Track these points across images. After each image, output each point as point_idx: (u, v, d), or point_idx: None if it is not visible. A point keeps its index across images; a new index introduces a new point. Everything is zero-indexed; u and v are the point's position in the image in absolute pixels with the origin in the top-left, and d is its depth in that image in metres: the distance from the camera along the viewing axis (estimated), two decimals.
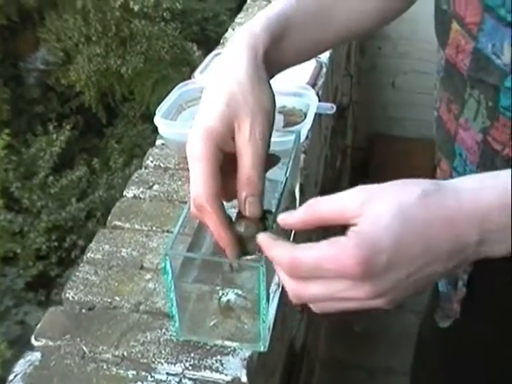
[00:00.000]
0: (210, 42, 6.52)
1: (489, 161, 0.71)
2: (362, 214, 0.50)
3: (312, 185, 1.52)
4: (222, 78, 0.65)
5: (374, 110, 3.02)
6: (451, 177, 0.78)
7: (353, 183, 0.53)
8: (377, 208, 0.49)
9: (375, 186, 0.52)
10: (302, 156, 1.15)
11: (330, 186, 1.98)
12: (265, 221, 0.64)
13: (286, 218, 0.57)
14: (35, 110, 7.54)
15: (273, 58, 0.69)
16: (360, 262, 0.48)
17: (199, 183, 0.60)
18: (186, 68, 6.97)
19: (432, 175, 0.84)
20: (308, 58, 0.83)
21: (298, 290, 0.54)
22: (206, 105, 0.64)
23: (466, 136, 0.74)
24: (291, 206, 0.78)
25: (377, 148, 2.94)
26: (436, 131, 0.83)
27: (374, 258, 0.48)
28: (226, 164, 0.63)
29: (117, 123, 7.84)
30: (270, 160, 0.66)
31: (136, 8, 7.22)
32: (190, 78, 1.33)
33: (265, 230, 0.62)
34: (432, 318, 0.96)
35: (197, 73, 1.34)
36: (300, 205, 0.57)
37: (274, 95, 0.65)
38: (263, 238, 0.57)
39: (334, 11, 0.78)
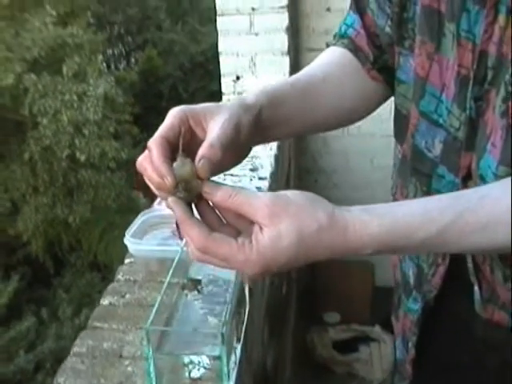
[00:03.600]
0: None
1: None
2: (268, 225, 0.63)
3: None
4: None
5: None
6: None
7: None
8: (281, 227, 0.62)
9: (289, 202, 0.64)
10: None
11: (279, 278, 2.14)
12: None
13: (210, 193, 0.65)
14: None
15: (264, 118, 0.77)
16: (259, 269, 0.64)
17: (158, 131, 0.69)
18: (132, 215, 7.06)
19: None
20: (290, 135, 0.93)
21: (201, 258, 0.66)
22: None
23: None
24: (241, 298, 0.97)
25: (318, 275, 3.11)
26: None
27: (269, 268, 0.64)
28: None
29: (64, 273, 7.73)
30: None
31: (82, 158, 7.35)
32: None
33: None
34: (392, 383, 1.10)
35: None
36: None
37: (251, 123, 0.74)
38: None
39: (316, 102, 0.88)
